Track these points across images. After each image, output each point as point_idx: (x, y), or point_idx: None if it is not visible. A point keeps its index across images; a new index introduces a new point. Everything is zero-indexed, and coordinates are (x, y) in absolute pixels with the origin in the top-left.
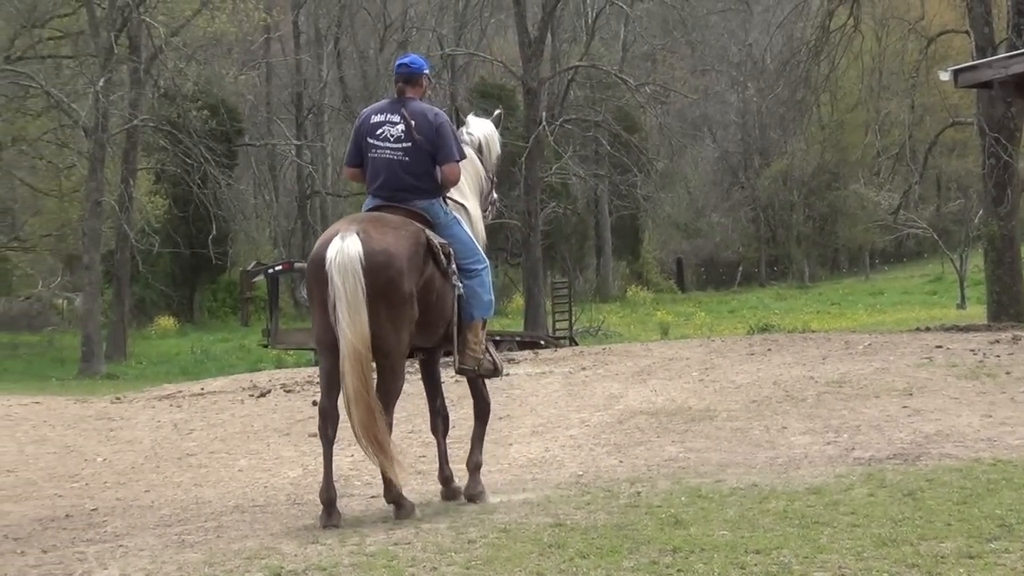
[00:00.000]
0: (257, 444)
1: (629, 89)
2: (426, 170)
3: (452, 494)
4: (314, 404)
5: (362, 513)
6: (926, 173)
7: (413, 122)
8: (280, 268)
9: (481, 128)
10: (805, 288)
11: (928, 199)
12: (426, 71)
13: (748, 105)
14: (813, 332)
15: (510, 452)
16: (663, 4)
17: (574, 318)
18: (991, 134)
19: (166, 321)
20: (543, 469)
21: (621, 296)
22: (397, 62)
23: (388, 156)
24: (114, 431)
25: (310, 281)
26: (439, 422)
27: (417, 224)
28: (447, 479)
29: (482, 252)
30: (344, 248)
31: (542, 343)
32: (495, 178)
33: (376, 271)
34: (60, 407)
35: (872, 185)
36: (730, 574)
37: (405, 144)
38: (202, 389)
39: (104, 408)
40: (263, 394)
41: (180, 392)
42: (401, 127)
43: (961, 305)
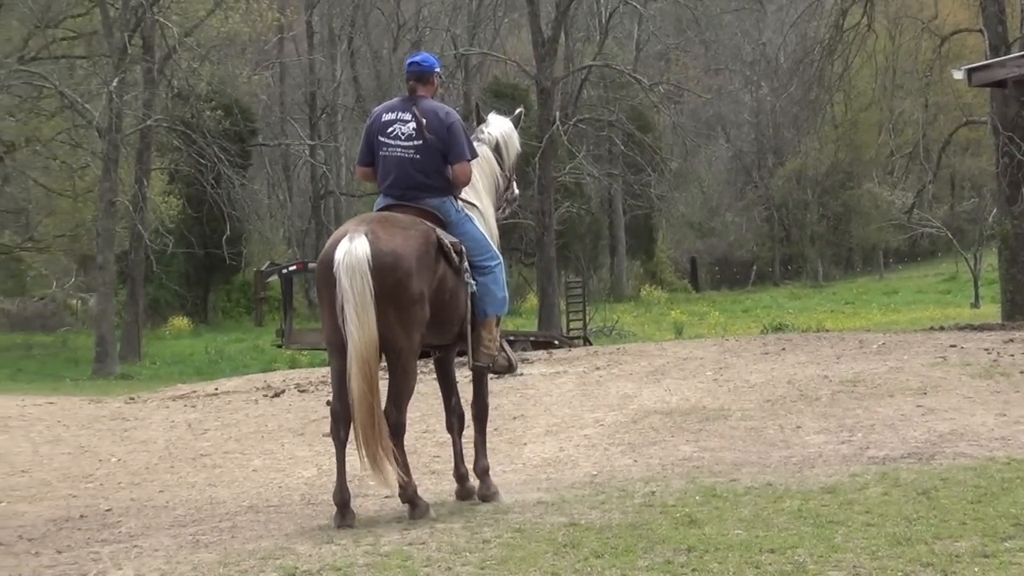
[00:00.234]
0: (271, 444)
1: (643, 88)
2: (437, 168)
3: (467, 493)
4: (327, 404)
5: (376, 513)
6: (940, 172)
7: (424, 120)
8: (294, 268)
9: (499, 126)
10: (819, 287)
11: (942, 198)
12: (437, 69)
13: (762, 104)
14: (827, 331)
15: (524, 452)
16: (677, 3)
17: (588, 318)
18: (1005, 133)
19: (180, 321)
20: (557, 469)
21: (635, 296)
22: (408, 60)
23: (399, 154)
24: (128, 431)
25: (319, 282)
26: (454, 420)
27: (428, 223)
28: (462, 477)
29: (495, 249)
30: (352, 249)
31: (556, 343)
32: (513, 176)
33: (384, 272)
34: (74, 407)
35: (886, 184)
36: (745, 573)
37: (416, 142)
38: (216, 389)
39: (118, 408)
40: (277, 394)
41: (194, 392)
42: (412, 125)
43: (975, 304)
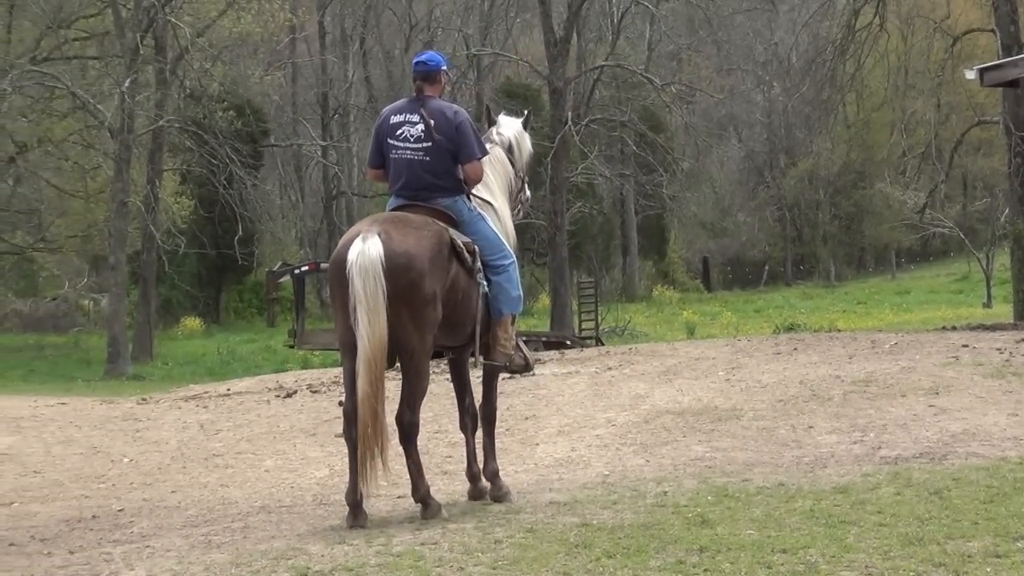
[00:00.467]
0: (283, 444)
1: (655, 89)
2: (447, 169)
3: (479, 493)
4: (340, 405)
5: (389, 513)
6: (952, 172)
7: (432, 121)
8: (306, 269)
9: (511, 127)
10: (831, 287)
11: (954, 198)
12: (444, 68)
13: (774, 104)
14: (839, 331)
15: (536, 452)
16: (689, 3)
17: (600, 318)
18: (1017, 133)
19: (192, 322)
20: (570, 469)
21: (647, 296)
22: (414, 60)
23: (409, 156)
24: (140, 432)
25: (331, 282)
26: (468, 420)
27: (440, 223)
28: (474, 476)
29: (509, 248)
30: (365, 250)
31: (568, 343)
32: (526, 177)
33: (397, 273)
34: (86, 408)
35: (898, 184)
36: (757, 573)
37: (425, 144)
38: (228, 390)
39: (130, 409)
40: (289, 395)
41: (206, 393)
42: (421, 127)
43: (987, 304)
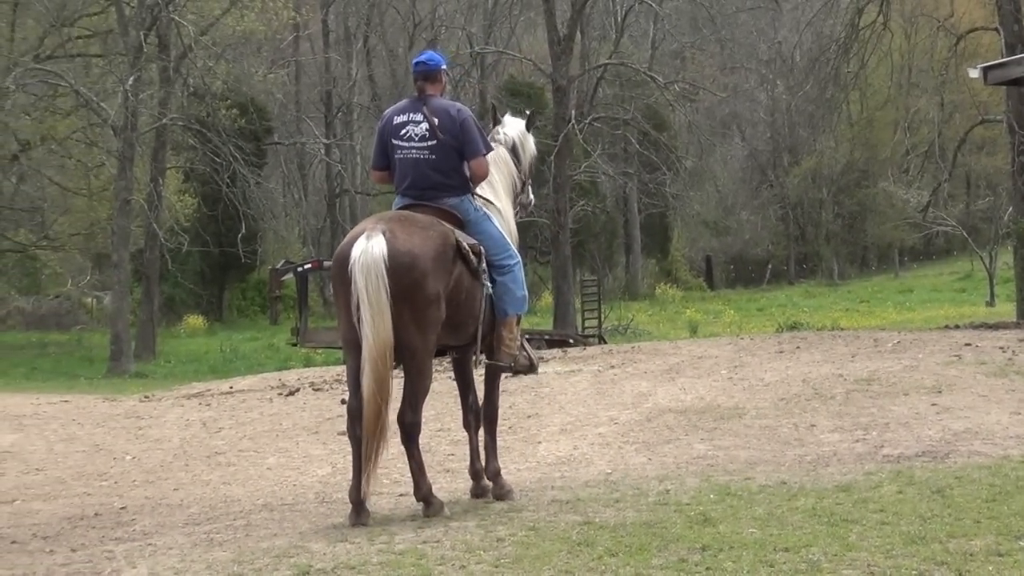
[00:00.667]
0: (286, 442)
1: (658, 87)
2: (453, 167)
3: (481, 490)
4: (343, 403)
5: (391, 511)
6: (955, 171)
7: (436, 120)
8: (309, 267)
9: (515, 128)
10: (834, 286)
11: (957, 197)
12: (444, 66)
13: (777, 103)
14: (842, 330)
15: (539, 450)
16: (692, 2)
17: (603, 316)
18: (1021, 131)
19: (195, 320)
20: (572, 467)
21: (650, 294)
22: (414, 60)
23: (415, 156)
24: (143, 429)
25: (335, 279)
26: (471, 418)
27: (447, 225)
28: (477, 473)
29: (514, 248)
30: (369, 248)
31: (571, 341)
32: (528, 180)
33: (400, 273)
34: (89, 406)
35: (901, 183)
36: (759, 572)
37: (430, 142)
38: (231, 388)
39: (133, 407)
40: (292, 392)
41: (209, 391)
42: (425, 126)
43: (990, 303)
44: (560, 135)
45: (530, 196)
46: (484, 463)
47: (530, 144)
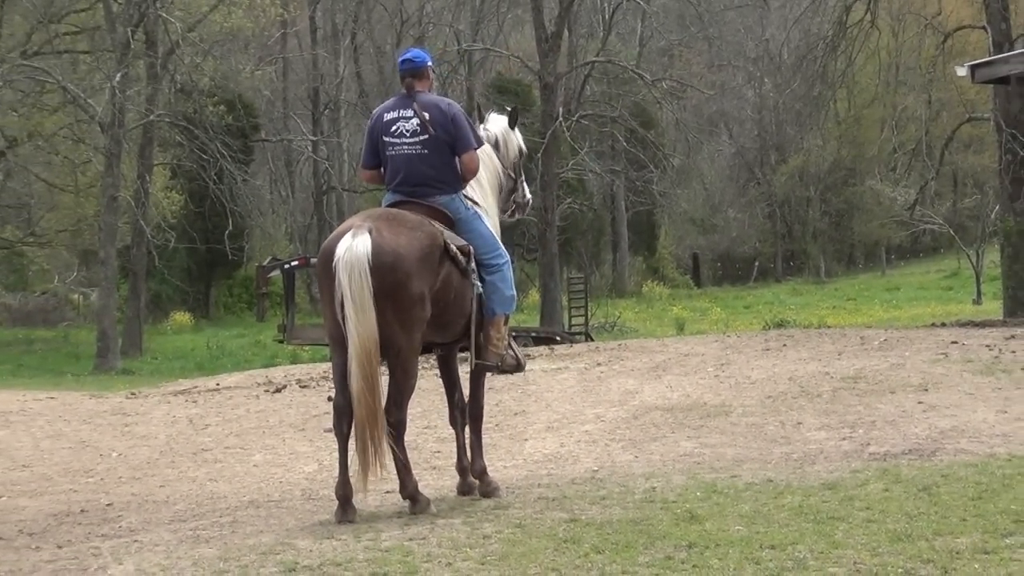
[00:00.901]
0: (272, 439)
1: (646, 85)
2: (445, 161)
3: (468, 488)
4: (329, 400)
5: (377, 508)
6: (942, 169)
7: (427, 115)
8: (296, 264)
9: (498, 124)
10: (821, 283)
11: (944, 195)
12: (430, 63)
13: (765, 101)
14: (829, 328)
15: (525, 448)
16: None
17: (590, 314)
18: (1008, 130)
19: (182, 317)
20: (558, 464)
21: (637, 292)
22: (400, 58)
23: (407, 152)
24: (129, 426)
25: (320, 276)
26: (457, 414)
27: (436, 225)
28: (464, 470)
29: (503, 247)
30: (354, 246)
31: (558, 339)
32: (521, 178)
33: (383, 272)
34: (75, 402)
35: (888, 181)
36: (745, 569)
37: (422, 137)
38: (217, 384)
39: (119, 403)
40: (278, 390)
41: (195, 387)
42: (416, 121)
43: (977, 301)
44: (547, 132)
45: (526, 194)
46: (470, 462)
47: (515, 140)
